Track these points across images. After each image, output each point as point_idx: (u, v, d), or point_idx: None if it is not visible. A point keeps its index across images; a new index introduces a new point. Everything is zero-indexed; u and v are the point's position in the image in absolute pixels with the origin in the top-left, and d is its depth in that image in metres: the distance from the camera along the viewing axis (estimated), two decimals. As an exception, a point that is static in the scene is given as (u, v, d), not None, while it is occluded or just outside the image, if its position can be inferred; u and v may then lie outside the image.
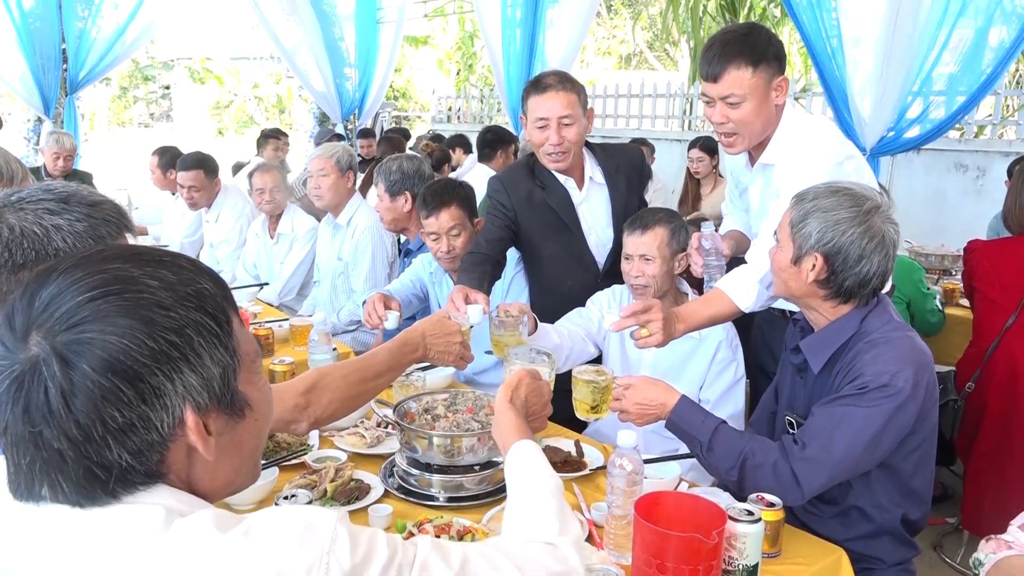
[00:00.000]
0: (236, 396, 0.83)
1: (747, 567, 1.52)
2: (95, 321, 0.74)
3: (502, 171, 2.85)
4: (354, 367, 1.60)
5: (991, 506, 3.08)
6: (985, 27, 4.09)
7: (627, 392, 1.83)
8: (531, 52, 6.58)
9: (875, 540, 1.83)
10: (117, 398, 0.73)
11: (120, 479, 0.76)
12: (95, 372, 0.73)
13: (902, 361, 1.68)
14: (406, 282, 3.02)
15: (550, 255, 2.68)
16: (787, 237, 1.78)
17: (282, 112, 22.66)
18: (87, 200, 1.34)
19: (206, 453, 0.80)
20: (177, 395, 0.76)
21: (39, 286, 0.77)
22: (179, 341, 0.76)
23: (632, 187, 2.73)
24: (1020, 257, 3.01)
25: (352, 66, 8.66)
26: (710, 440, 1.75)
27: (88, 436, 0.73)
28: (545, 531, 1.10)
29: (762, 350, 2.62)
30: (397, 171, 3.28)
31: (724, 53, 2.06)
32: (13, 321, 0.76)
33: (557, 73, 2.59)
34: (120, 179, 12.76)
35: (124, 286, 0.76)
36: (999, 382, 3.04)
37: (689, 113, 8.62)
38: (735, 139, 2.16)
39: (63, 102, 7.37)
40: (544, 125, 2.49)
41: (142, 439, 0.76)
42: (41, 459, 0.75)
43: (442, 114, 11.70)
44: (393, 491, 1.88)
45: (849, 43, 4.22)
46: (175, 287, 0.78)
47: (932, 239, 4.84)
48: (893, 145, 4.44)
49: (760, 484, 1.70)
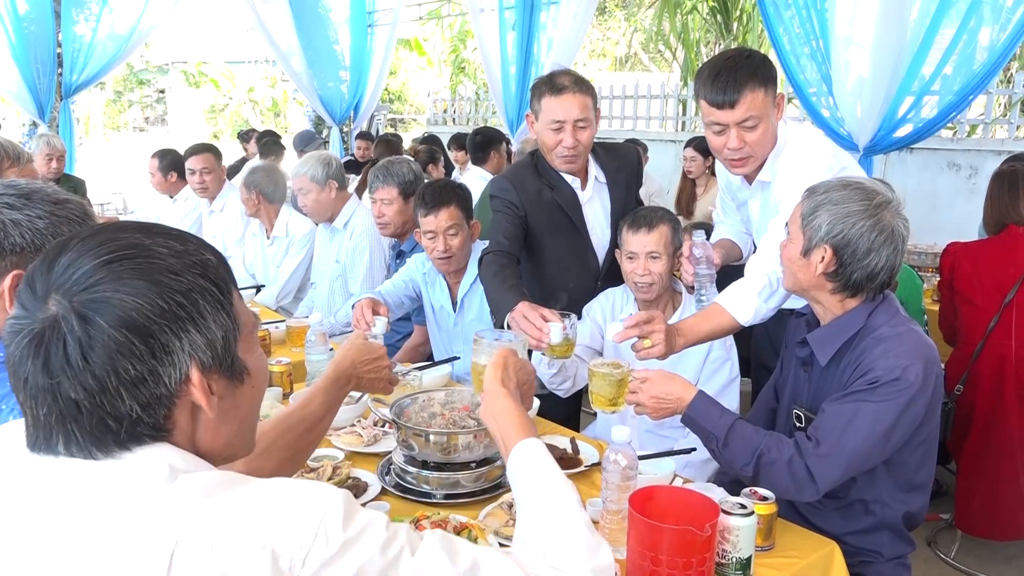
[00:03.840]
0: (236, 361, 0.90)
1: (740, 560, 1.54)
2: (110, 282, 0.80)
3: (507, 171, 2.83)
4: (295, 420, 1.47)
5: (981, 505, 3.12)
6: (976, 27, 4.12)
7: (643, 385, 1.82)
8: (526, 55, 6.60)
9: (875, 534, 1.84)
10: (130, 352, 0.80)
11: (130, 431, 0.82)
12: (111, 327, 0.79)
13: (912, 355, 1.70)
14: (399, 283, 3.02)
15: (554, 255, 2.66)
16: (797, 229, 1.80)
17: (277, 116, 22.63)
18: (51, 198, 1.35)
19: (208, 410, 0.86)
20: (184, 352, 0.83)
21: (57, 254, 0.83)
22: (186, 303, 0.83)
23: (631, 188, 2.74)
24: (999, 259, 3.05)
25: (346, 69, 8.67)
26: (726, 436, 1.75)
27: (103, 387, 0.80)
28: (574, 561, 1.04)
29: (765, 347, 2.62)
30: (410, 172, 3.23)
31: (738, 79, 2.05)
32: (34, 285, 0.82)
33: (571, 73, 2.56)
34: (115, 183, 12.79)
35: (137, 251, 0.83)
36: (986, 384, 3.07)
37: (683, 114, 8.65)
38: (747, 160, 2.17)
39: (58, 107, 7.38)
40: (559, 127, 2.48)
41: (151, 392, 0.82)
42: (58, 410, 0.80)
43: (437, 116, 11.71)
44: (390, 489, 1.90)
45: (841, 44, 4.25)
46: (183, 255, 0.85)
47: (925, 238, 4.87)
48: (886, 144, 4.47)
49: (775, 480, 1.71)
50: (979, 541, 3.22)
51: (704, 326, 2.08)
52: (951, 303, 3.22)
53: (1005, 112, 6.35)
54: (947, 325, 3.30)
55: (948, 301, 3.25)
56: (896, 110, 4.36)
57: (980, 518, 3.13)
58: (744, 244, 2.52)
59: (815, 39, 4.42)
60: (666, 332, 1.97)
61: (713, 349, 2.46)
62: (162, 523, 0.77)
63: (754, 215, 2.38)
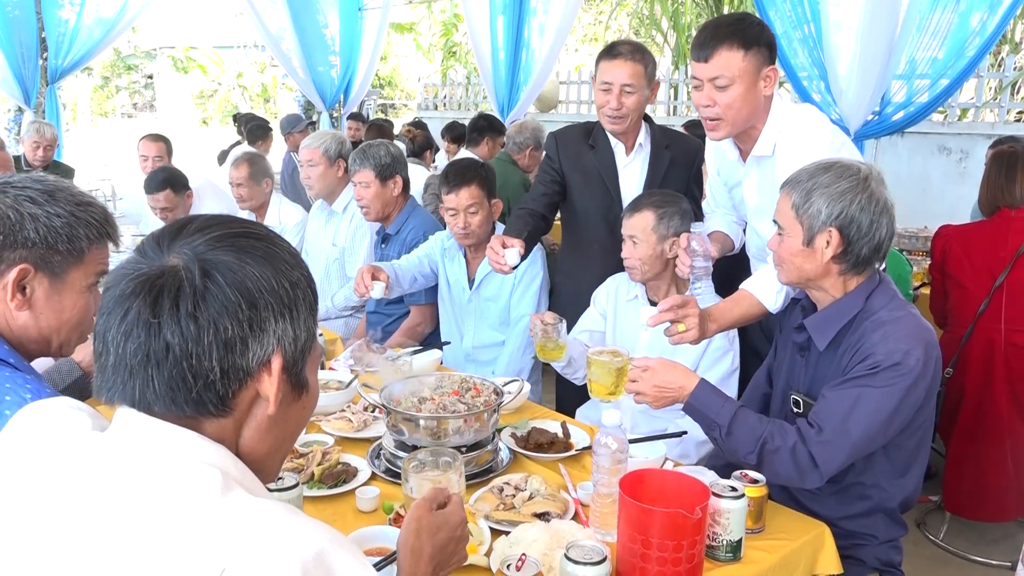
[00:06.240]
0: (302, 371, 0.93)
1: (731, 542, 1.54)
2: (236, 252, 0.87)
3: (560, 129, 2.99)
4: None
5: (970, 488, 3.14)
6: (967, 11, 4.11)
7: (645, 375, 1.81)
8: (516, 41, 6.55)
9: (869, 518, 1.85)
10: (235, 313, 0.84)
11: (200, 394, 0.85)
12: (227, 285, 0.84)
13: (912, 340, 1.70)
14: (414, 260, 3.06)
15: (585, 211, 2.82)
16: (792, 222, 1.77)
17: (267, 101, 22.49)
18: (75, 199, 1.34)
19: (273, 403, 0.89)
20: (274, 336, 0.87)
21: (187, 221, 0.90)
22: (292, 292, 0.89)
23: (677, 169, 2.80)
24: (990, 241, 3.04)
25: (336, 53, 8.60)
26: (729, 424, 1.74)
27: (199, 338, 0.83)
28: None
29: (756, 332, 2.60)
30: (387, 155, 3.23)
31: (716, 35, 2.07)
32: (160, 239, 0.88)
33: (632, 43, 2.74)
34: (104, 169, 12.70)
35: (263, 236, 0.91)
36: (975, 367, 3.08)
37: (675, 98, 8.63)
38: (718, 124, 2.15)
39: (44, 92, 7.30)
40: (607, 89, 2.63)
41: (235, 361, 0.85)
42: (147, 350, 0.83)
43: (428, 101, 11.65)
44: (380, 474, 1.90)
45: (832, 28, 4.23)
46: (296, 256, 0.93)
47: (916, 221, 4.88)
48: (877, 128, 4.46)
49: (778, 468, 1.70)
50: (967, 523, 3.24)
51: (736, 311, 2.08)
52: (942, 286, 3.22)
53: (995, 96, 6.36)
54: (938, 308, 3.30)
55: (939, 284, 3.25)
56: (887, 94, 4.36)
57: (968, 500, 3.16)
58: (735, 235, 2.51)
59: (807, 23, 4.39)
60: (699, 317, 1.96)
61: (716, 339, 2.40)
62: (212, 545, 0.76)
63: (749, 196, 2.35)
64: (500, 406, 1.99)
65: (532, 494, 1.75)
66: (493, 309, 3.00)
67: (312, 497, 1.78)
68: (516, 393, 2.17)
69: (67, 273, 1.32)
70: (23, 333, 1.32)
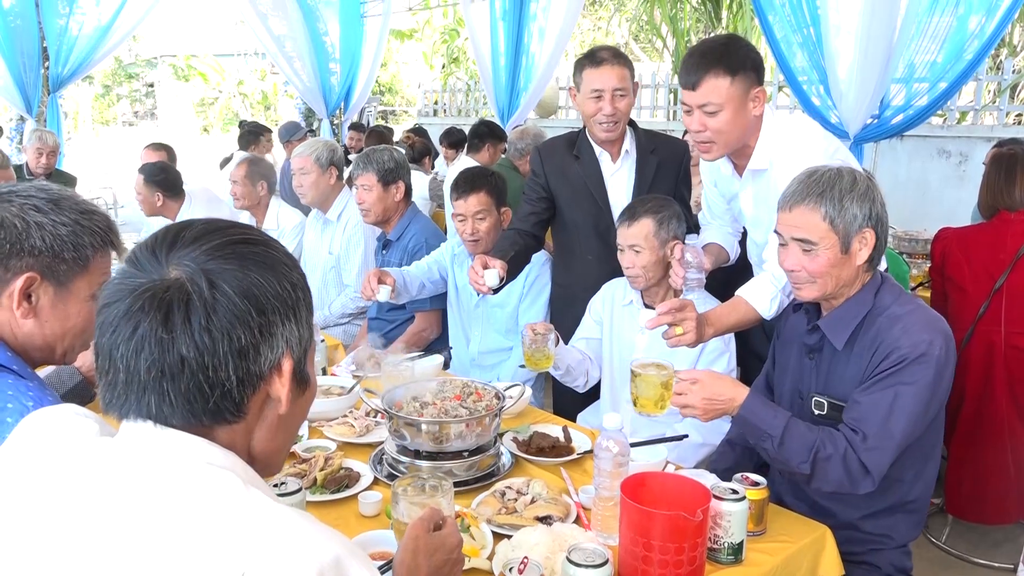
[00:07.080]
0: (304, 368, 0.94)
1: (732, 545, 1.55)
2: (236, 258, 0.87)
3: (544, 142, 3.00)
4: None
5: (971, 490, 3.14)
6: (966, 14, 4.12)
7: (694, 387, 1.77)
8: (517, 45, 6.57)
9: (890, 517, 1.85)
10: (246, 321, 0.85)
11: (217, 404, 0.85)
12: (235, 294, 0.85)
13: (931, 329, 1.72)
14: (423, 267, 3.08)
15: (575, 224, 2.81)
16: (826, 233, 1.75)
17: (267, 108, 22.53)
18: (80, 207, 1.34)
19: (285, 403, 0.90)
20: (281, 339, 0.89)
21: (181, 229, 0.89)
22: (294, 295, 0.91)
23: (664, 173, 2.79)
24: (990, 244, 3.04)
25: (336, 60, 8.63)
26: (782, 435, 1.72)
27: (214, 349, 0.83)
28: None
29: (758, 334, 2.58)
30: (391, 160, 3.25)
31: (703, 62, 2.08)
32: (156, 250, 0.87)
33: (610, 48, 2.76)
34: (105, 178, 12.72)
35: (260, 241, 0.91)
36: (975, 370, 3.07)
37: (674, 103, 8.65)
38: (711, 146, 2.18)
39: (46, 101, 7.32)
40: (599, 96, 2.63)
41: (249, 368, 0.86)
42: (161, 366, 0.83)
43: (428, 108, 11.67)
44: (382, 479, 1.90)
45: (831, 32, 4.25)
46: (291, 257, 0.94)
47: (915, 224, 4.88)
48: (876, 132, 4.48)
49: (830, 475, 1.70)
50: (969, 525, 3.24)
51: (732, 317, 2.11)
52: (942, 289, 3.22)
53: (994, 99, 6.36)
54: (937, 311, 3.30)
55: (939, 287, 3.25)
56: (886, 98, 4.37)
57: (970, 503, 3.15)
58: (731, 247, 2.53)
59: (806, 27, 4.41)
60: (696, 321, 1.98)
61: (712, 341, 2.37)
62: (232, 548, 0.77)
63: (746, 208, 2.36)
64: (502, 410, 2.00)
65: (534, 498, 1.75)
66: (500, 315, 3.01)
67: (315, 502, 1.79)
68: (517, 398, 2.18)
69: (72, 282, 1.33)
70: (28, 341, 1.33)
